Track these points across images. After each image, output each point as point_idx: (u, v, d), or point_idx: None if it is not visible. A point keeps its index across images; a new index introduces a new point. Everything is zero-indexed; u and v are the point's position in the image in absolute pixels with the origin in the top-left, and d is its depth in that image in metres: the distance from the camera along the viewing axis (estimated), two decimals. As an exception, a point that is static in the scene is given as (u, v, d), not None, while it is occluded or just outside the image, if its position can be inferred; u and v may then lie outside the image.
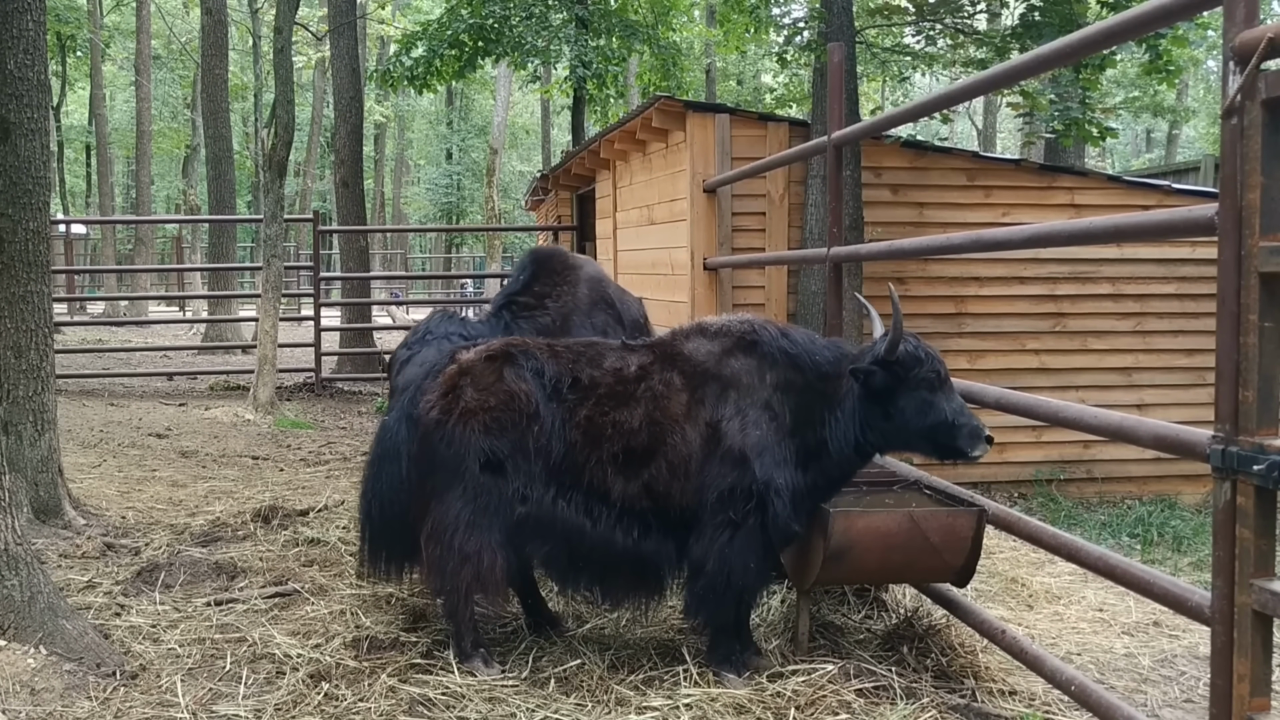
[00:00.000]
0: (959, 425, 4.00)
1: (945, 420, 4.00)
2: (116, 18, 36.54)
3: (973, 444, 4.00)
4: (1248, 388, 2.59)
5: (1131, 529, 7.33)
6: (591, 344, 4.52)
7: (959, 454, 4.05)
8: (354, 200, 14.46)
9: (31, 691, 3.75)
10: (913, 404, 4.02)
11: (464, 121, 45.18)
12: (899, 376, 4.00)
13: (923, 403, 4.01)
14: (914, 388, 4.01)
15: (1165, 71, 8.55)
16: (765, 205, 7.95)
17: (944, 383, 4.06)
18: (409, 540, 4.40)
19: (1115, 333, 8.41)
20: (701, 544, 4.13)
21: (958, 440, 4.01)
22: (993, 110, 33.79)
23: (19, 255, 5.93)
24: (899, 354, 3.97)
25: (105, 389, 13.89)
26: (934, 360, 4.04)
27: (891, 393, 4.03)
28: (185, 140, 37.88)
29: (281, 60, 11.18)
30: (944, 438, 4.03)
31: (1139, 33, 3.37)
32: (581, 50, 15.59)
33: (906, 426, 4.05)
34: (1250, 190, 2.57)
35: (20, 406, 5.97)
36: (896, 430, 4.08)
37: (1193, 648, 4.92)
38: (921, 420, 4.02)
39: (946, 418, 4.00)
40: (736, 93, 34.56)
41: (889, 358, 3.97)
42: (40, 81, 6.01)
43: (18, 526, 4.15)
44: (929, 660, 4.44)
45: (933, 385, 4.02)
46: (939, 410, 4.00)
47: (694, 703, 3.87)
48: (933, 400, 4.01)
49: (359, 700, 3.88)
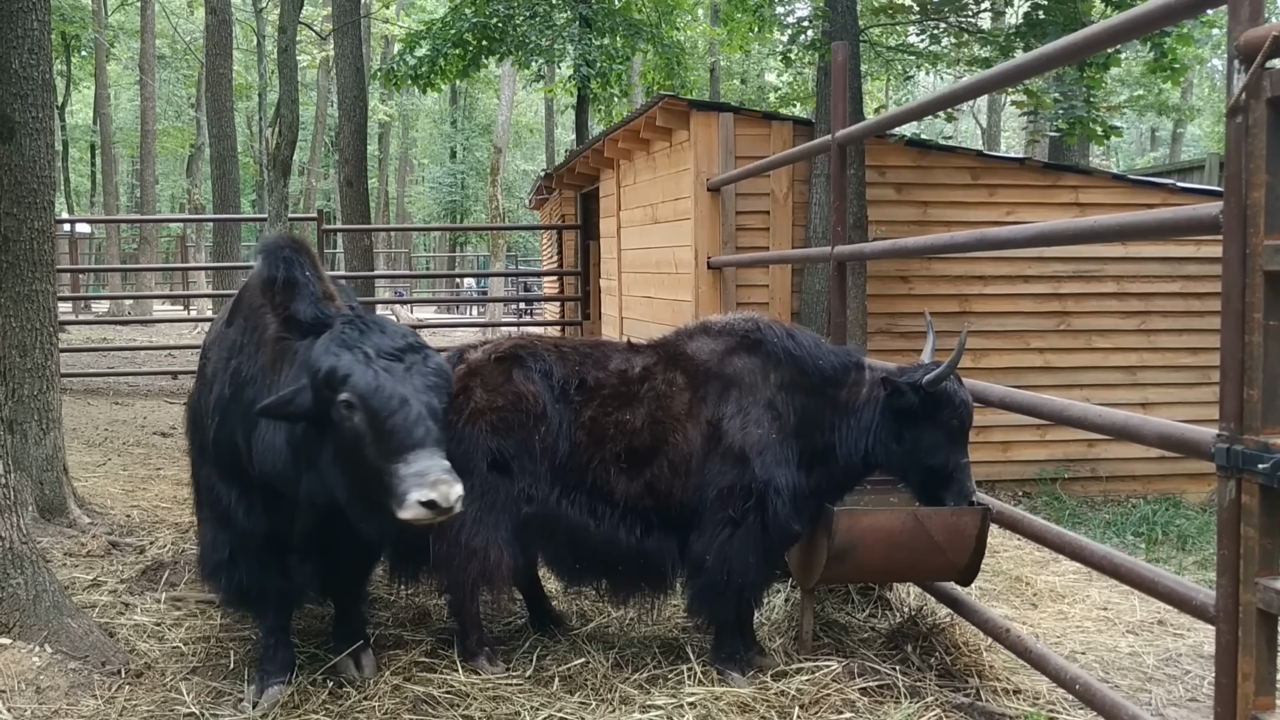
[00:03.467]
0: (955, 480, 4.09)
1: (945, 469, 4.08)
2: (121, 17, 36.58)
3: (956, 502, 4.10)
4: (1253, 386, 2.59)
5: (1136, 528, 7.32)
6: (598, 344, 4.55)
7: (939, 503, 4.13)
8: (358, 199, 14.46)
9: (37, 690, 3.76)
10: (927, 440, 4.07)
11: (468, 120, 45.18)
12: (928, 409, 4.04)
13: (935, 443, 4.07)
14: (935, 426, 4.06)
15: (1170, 70, 8.53)
16: (769, 204, 7.95)
17: (962, 435, 4.12)
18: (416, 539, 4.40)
19: (1120, 331, 8.40)
20: (702, 541, 4.14)
21: (945, 492, 4.11)
22: (997, 109, 33.75)
23: (24, 254, 5.95)
24: (940, 388, 4.01)
25: (110, 388, 13.92)
26: (964, 410, 4.09)
27: (914, 420, 4.07)
28: (189, 139, 37.89)
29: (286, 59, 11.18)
30: (935, 485, 4.13)
31: (1144, 31, 3.36)
32: (585, 49, 15.58)
33: (909, 456, 4.12)
34: (1255, 189, 2.56)
35: (25, 405, 5.98)
36: (901, 455, 4.13)
37: (1197, 646, 4.91)
38: (926, 458, 4.09)
39: (947, 468, 4.08)
40: (740, 92, 34.54)
41: (929, 388, 4.00)
42: (45, 81, 6.02)
43: (23, 525, 4.16)
44: (933, 659, 4.45)
45: (952, 433, 4.08)
46: (945, 458, 4.07)
47: (698, 701, 3.88)
48: (944, 446, 4.07)
49: (363, 699, 3.89)
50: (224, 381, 3.76)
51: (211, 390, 3.86)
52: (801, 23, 10.31)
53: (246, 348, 3.75)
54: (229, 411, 3.71)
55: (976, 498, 4.29)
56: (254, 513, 3.79)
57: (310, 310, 3.61)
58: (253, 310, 3.82)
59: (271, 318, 3.71)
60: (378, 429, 3.19)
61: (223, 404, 3.74)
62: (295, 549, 3.90)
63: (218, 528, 3.90)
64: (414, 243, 46.07)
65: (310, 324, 3.55)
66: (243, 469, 3.69)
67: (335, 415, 3.26)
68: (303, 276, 3.72)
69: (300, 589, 4.05)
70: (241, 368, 3.71)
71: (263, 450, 3.57)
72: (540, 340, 4.52)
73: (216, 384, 3.82)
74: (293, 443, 3.48)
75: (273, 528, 3.82)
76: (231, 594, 4.00)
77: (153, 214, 30.26)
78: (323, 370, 3.27)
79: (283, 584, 3.97)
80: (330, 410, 3.26)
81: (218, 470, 3.81)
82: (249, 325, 3.80)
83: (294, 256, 3.77)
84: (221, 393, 3.75)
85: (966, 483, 4.09)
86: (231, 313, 4.00)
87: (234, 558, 3.87)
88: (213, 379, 3.88)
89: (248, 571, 3.90)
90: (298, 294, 3.67)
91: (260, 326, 3.75)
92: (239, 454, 3.69)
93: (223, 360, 3.83)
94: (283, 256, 3.76)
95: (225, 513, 3.83)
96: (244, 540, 3.86)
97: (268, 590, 3.96)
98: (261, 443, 3.58)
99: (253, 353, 3.72)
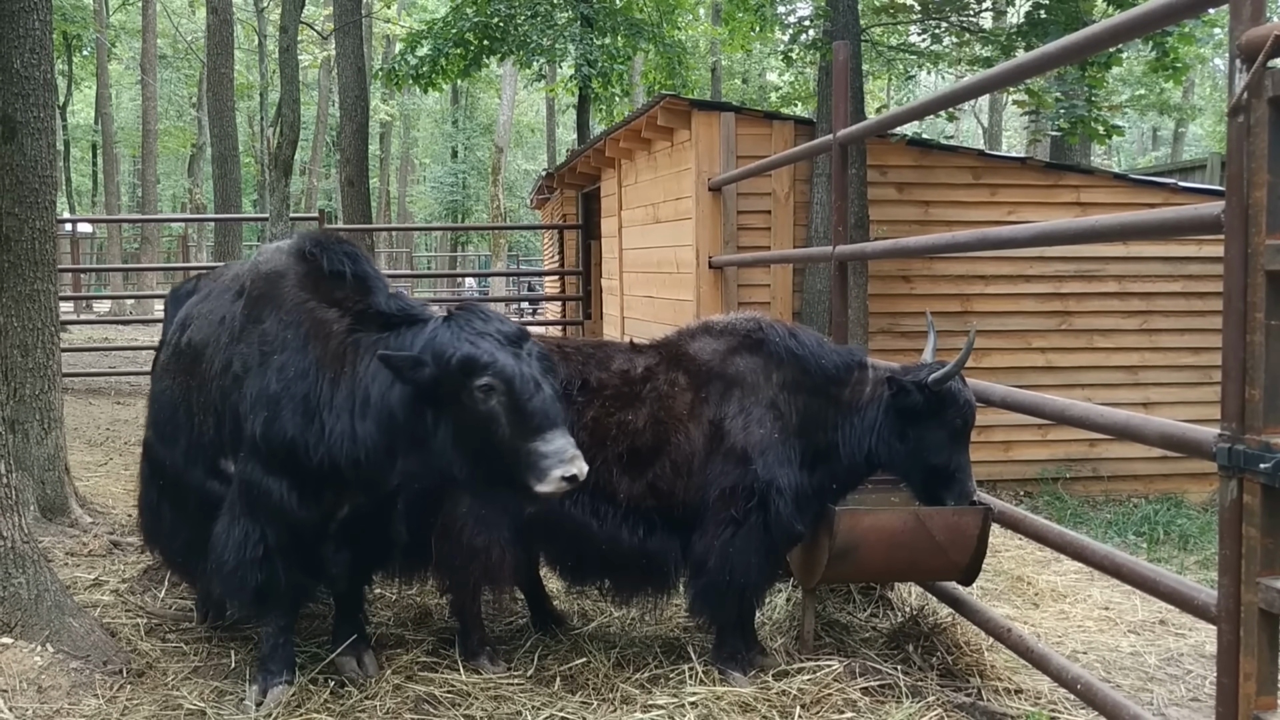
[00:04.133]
0: (956, 481, 4.10)
1: (947, 469, 4.09)
2: (122, 17, 36.59)
3: (958, 502, 4.11)
4: (1254, 386, 2.58)
5: (1137, 527, 7.32)
6: (600, 345, 4.55)
7: (939, 503, 4.14)
8: (359, 199, 14.45)
9: (39, 689, 3.76)
10: (930, 439, 4.08)
11: (469, 120, 45.16)
12: (932, 408, 4.04)
13: (938, 443, 4.08)
14: (939, 425, 4.07)
15: (1172, 69, 8.52)
16: (770, 204, 7.94)
17: (965, 435, 4.13)
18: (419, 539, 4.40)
19: (1121, 331, 8.39)
20: (704, 541, 4.13)
21: (945, 492, 4.12)
22: (998, 108, 33.70)
23: (25, 254, 5.95)
24: (945, 388, 4.01)
25: (112, 387, 13.92)
26: (968, 410, 4.10)
27: (917, 419, 4.07)
28: (191, 139, 37.91)
29: (287, 59, 11.18)
30: (937, 484, 4.14)
31: (1145, 30, 3.36)
32: (586, 49, 15.57)
33: (912, 456, 4.13)
34: (1257, 188, 2.56)
35: (27, 405, 5.99)
36: (905, 454, 4.14)
37: (1199, 646, 4.91)
38: (929, 458, 4.10)
39: (949, 468, 4.09)
40: (741, 91, 34.51)
41: (935, 387, 4.00)
42: (46, 80, 6.02)
43: (24, 524, 4.17)
44: (934, 659, 4.44)
45: (955, 433, 4.09)
46: (948, 458, 4.08)
47: (699, 701, 3.88)
48: (947, 446, 4.08)
49: (365, 698, 3.90)
50: (267, 377, 3.75)
51: (242, 387, 3.82)
52: (803, 22, 10.32)
53: (291, 343, 3.77)
54: (280, 405, 3.72)
55: (978, 497, 4.30)
56: (306, 502, 3.81)
57: (394, 304, 3.75)
58: (296, 304, 3.83)
59: (331, 312, 3.78)
60: (517, 411, 3.38)
61: (271, 399, 3.73)
62: (331, 539, 4.00)
63: (254, 523, 3.84)
64: (415, 242, 46.02)
65: (395, 316, 3.70)
66: (296, 460, 3.73)
67: (468, 398, 3.41)
68: (372, 271, 3.88)
69: (332, 580, 4.12)
70: (289, 363, 3.73)
71: (338, 437, 3.65)
72: (543, 340, 4.52)
73: (254, 379, 3.79)
74: (390, 428, 3.58)
75: (318, 517, 3.90)
76: (255, 593, 3.90)
77: (154, 214, 30.26)
78: (458, 356, 3.41)
79: (306, 580, 4.02)
80: (460, 394, 3.41)
81: (264, 465, 3.79)
82: (289, 320, 3.80)
83: (355, 253, 3.91)
84: (266, 387, 3.75)
85: (967, 483, 4.10)
86: (252, 306, 3.93)
87: (269, 554, 3.84)
88: (243, 374, 3.83)
89: (283, 566, 3.87)
90: (373, 289, 3.82)
91: (310, 320, 3.78)
92: (294, 446, 3.71)
93: (257, 355, 3.80)
94: (345, 252, 3.88)
95: (277, 506, 3.79)
96: (293, 531, 3.85)
97: (293, 587, 3.96)
98: (334, 432, 3.65)
99: (300, 347, 3.74)
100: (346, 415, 3.64)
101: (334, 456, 3.68)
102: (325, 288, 3.85)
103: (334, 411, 3.66)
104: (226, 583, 3.92)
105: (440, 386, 3.45)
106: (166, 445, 4.33)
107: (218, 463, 4.06)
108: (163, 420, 4.36)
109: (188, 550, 4.32)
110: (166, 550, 4.68)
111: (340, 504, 3.95)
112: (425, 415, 3.52)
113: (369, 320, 3.74)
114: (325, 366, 3.71)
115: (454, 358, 3.42)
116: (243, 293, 4.02)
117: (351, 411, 3.63)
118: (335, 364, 3.71)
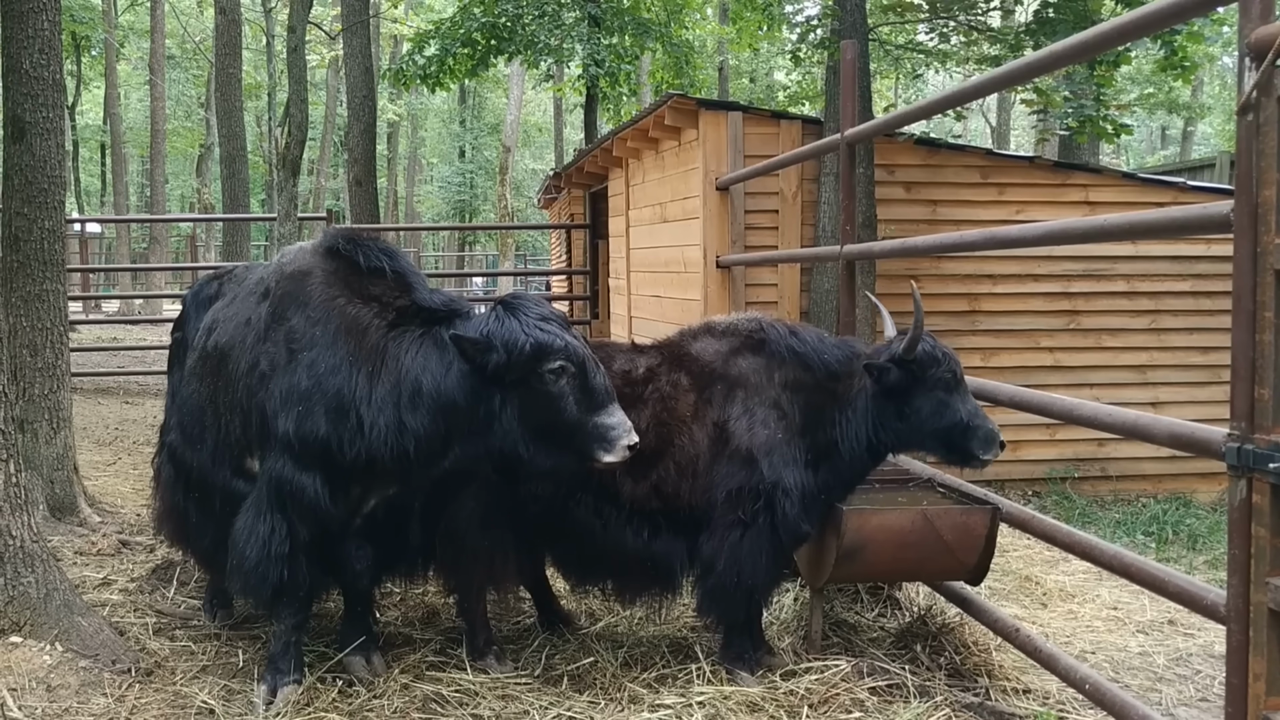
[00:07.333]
0: (974, 428, 3.97)
1: (961, 422, 3.97)
2: (131, 17, 36.66)
3: (986, 448, 3.98)
4: (1263, 385, 2.58)
5: (1146, 527, 7.30)
6: (601, 345, 4.54)
7: (971, 457, 4.01)
8: (367, 198, 14.49)
9: (48, 688, 3.77)
10: (929, 404, 4.00)
11: (477, 120, 45.20)
12: (915, 376, 3.97)
13: (939, 403, 3.99)
14: (930, 388, 3.99)
15: (1180, 68, 8.49)
16: (778, 203, 7.94)
17: (960, 384, 4.04)
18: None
19: (1130, 330, 8.37)
20: (712, 543, 4.12)
21: (971, 443, 3.98)
22: (1006, 107, 33.63)
23: (34, 254, 5.98)
24: (917, 353, 3.95)
25: (120, 387, 13.97)
26: (951, 361, 4.02)
27: (907, 392, 4.00)
28: (199, 139, 37.98)
29: (295, 59, 11.21)
30: (959, 440, 4.00)
31: (1154, 29, 3.35)
32: (594, 49, 15.57)
33: (921, 427, 4.03)
34: (1266, 187, 2.55)
35: (36, 404, 6.01)
36: (911, 430, 4.06)
37: (1208, 646, 4.90)
38: (937, 421, 4.00)
39: (962, 420, 3.97)
40: (749, 90, 34.51)
41: (907, 356, 3.95)
42: (55, 81, 6.05)
43: (34, 524, 4.18)
44: (942, 658, 4.44)
45: (949, 386, 4.00)
46: (955, 412, 3.98)
47: (707, 700, 3.88)
48: (948, 401, 3.99)
49: (373, 697, 3.90)
50: (297, 374, 3.77)
51: (269, 385, 3.83)
52: (810, 21, 10.31)
53: (320, 339, 3.78)
54: (312, 401, 3.75)
55: (986, 496, 4.28)
56: (336, 498, 3.84)
57: (437, 298, 3.86)
58: (323, 301, 3.84)
59: (364, 307, 3.82)
60: (585, 388, 3.64)
61: (302, 395, 3.76)
62: (354, 535, 4.09)
63: (281, 519, 3.84)
64: (423, 242, 46.08)
65: (440, 311, 3.81)
66: (329, 455, 3.76)
67: (536, 381, 3.62)
68: (410, 266, 3.96)
69: (355, 576, 4.16)
70: (318, 360, 3.76)
71: (381, 431, 3.70)
72: None
73: (282, 377, 3.80)
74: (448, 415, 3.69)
75: (345, 513, 3.97)
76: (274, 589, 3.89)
77: (163, 213, 30.37)
78: (530, 344, 3.60)
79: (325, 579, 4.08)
80: (529, 377, 3.62)
81: (295, 461, 3.79)
82: (317, 317, 3.82)
83: (392, 249, 3.98)
84: (296, 384, 3.76)
85: (986, 424, 3.98)
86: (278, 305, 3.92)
87: (294, 551, 3.85)
88: (270, 373, 3.83)
89: (305, 563, 3.89)
90: (413, 284, 3.91)
91: (340, 316, 3.80)
92: (327, 442, 3.74)
93: (285, 353, 3.81)
94: (382, 249, 3.95)
95: (309, 502, 3.79)
96: (321, 527, 3.88)
97: (311, 585, 3.98)
98: (376, 426, 3.71)
99: (329, 343, 3.76)
100: (391, 408, 3.69)
101: (373, 451, 3.71)
102: (357, 284, 3.88)
103: (374, 406, 3.70)
104: (247, 579, 3.91)
105: (510, 371, 3.61)
106: (193, 447, 4.34)
107: (243, 461, 4.07)
108: (189, 423, 4.37)
109: (215, 548, 4.33)
110: (196, 549, 4.69)
111: (366, 499, 3.99)
112: (490, 399, 3.67)
113: (411, 315, 3.81)
114: (360, 361, 3.74)
115: (527, 344, 3.59)
116: (268, 294, 4.02)
117: (398, 404, 3.69)
118: (371, 359, 3.74)
